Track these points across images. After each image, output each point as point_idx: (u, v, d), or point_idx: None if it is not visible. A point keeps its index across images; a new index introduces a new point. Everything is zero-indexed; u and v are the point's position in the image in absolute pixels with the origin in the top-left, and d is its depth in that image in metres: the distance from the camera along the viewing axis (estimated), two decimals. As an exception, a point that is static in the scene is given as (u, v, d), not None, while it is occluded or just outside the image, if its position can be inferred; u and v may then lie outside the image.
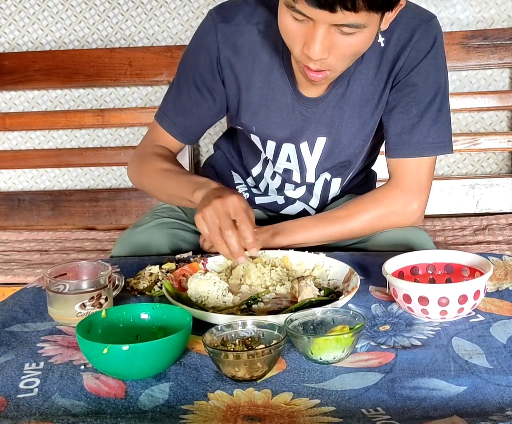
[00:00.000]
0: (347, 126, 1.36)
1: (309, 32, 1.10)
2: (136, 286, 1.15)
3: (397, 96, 1.31)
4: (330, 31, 1.09)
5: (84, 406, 0.79)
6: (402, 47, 1.28)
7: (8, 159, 2.56)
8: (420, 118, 1.30)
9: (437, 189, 2.38)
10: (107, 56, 2.45)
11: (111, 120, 2.49)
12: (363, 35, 1.11)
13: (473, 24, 2.37)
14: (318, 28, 1.08)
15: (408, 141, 1.31)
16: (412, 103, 1.30)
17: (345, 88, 1.32)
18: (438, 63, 1.30)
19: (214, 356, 0.84)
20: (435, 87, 1.30)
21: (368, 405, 0.77)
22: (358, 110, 1.34)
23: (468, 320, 0.99)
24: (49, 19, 2.51)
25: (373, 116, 1.35)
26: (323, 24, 1.07)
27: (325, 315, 0.94)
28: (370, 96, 1.33)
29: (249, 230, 1.08)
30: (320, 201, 1.50)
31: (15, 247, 2.32)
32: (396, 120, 1.32)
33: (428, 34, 1.28)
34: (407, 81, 1.30)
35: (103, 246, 2.25)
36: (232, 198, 1.10)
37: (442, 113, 1.32)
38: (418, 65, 1.29)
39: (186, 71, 1.40)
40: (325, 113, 1.34)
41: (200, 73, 1.37)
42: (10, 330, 1.01)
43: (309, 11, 1.05)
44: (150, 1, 2.46)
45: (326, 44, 1.10)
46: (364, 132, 1.37)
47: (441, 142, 1.32)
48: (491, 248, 1.90)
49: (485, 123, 2.44)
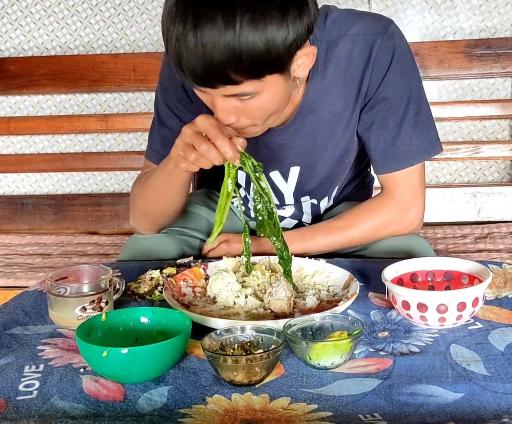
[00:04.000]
0: (320, 151, 1.35)
1: (212, 101, 1.10)
2: (137, 290, 1.16)
3: (371, 113, 1.30)
4: (228, 100, 1.08)
5: (82, 409, 0.79)
6: (364, 65, 1.26)
7: (12, 163, 2.58)
8: (399, 129, 1.29)
9: (439, 197, 2.38)
10: (112, 61, 2.47)
11: (115, 125, 2.50)
12: (264, 97, 1.08)
13: (476, 33, 2.38)
14: (215, 99, 1.08)
15: (393, 155, 1.30)
16: (388, 116, 1.29)
17: (312, 116, 1.30)
18: (403, 69, 1.28)
19: (212, 360, 0.85)
20: (407, 93, 1.29)
21: (365, 411, 0.77)
22: (330, 133, 1.33)
23: (466, 327, 0.99)
24: (54, 25, 2.53)
25: (345, 135, 1.33)
26: (216, 96, 1.07)
27: (324, 320, 0.94)
28: (339, 117, 1.31)
29: (225, 143, 1.06)
30: (312, 217, 1.49)
31: (18, 251, 2.33)
32: (376, 137, 1.31)
33: (386, 46, 1.26)
34: (377, 96, 1.28)
35: (105, 251, 2.25)
36: (199, 118, 1.09)
37: (420, 115, 1.30)
38: (384, 78, 1.27)
39: (163, 103, 1.38)
40: (295, 143, 1.32)
41: (175, 103, 1.36)
42: (11, 332, 1.01)
43: (198, 88, 1.06)
44: (155, 8, 2.48)
45: (228, 110, 1.09)
46: (338, 153, 1.36)
47: (427, 145, 1.31)
48: (492, 256, 1.91)
49: (487, 132, 2.45)
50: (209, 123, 1.08)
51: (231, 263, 1.21)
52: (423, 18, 2.40)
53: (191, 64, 1.00)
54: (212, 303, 1.08)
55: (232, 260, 1.22)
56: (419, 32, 2.41)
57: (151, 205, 1.39)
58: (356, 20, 1.27)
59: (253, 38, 0.97)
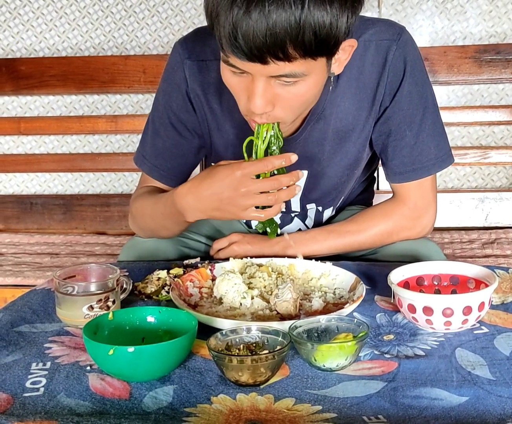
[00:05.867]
0: (329, 159, 1.34)
1: (249, 86, 1.06)
2: (144, 290, 1.16)
3: (388, 123, 1.29)
4: (270, 83, 1.05)
5: (88, 406, 0.80)
6: (379, 73, 1.25)
7: (22, 163, 2.59)
8: (416, 138, 1.28)
9: (447, 202, 2.38)
10: (122, 63, 2.48)
11: (124, 126, 2.51)
12: (307, 84, 1.06)
13: (485, 39, 2.38)
14: (256, 81, 1.04)
15: (411, 165, 1.29)
16: (404, 126, 1.28)
17: (322, 123, 1.29)
18: (417, 78, 1.27)
19: (218, 360, 0.85)
20: (422, 102, 1.28)
21: (370, 413, 0.78)
22: (339, 142, 1.32)
23: (472, 331, 0.99)
24: (66, 26, 2.54)
25: (356, 145, 1.32)
26: (260, 77, 1.03)
27: (330, 322, 0.94)
28: (351, 127, 1.30)
29: (276, 182, 1.09)
30: (314, 223, 1.48)
31: (26, 250, 2.34)
32: (393, 147, 1.30)
33: (400, 53, 1.25)
34: (393, 106, 1.27)
35: (113, 251, 2.27)
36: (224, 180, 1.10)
37: (437, 124, 1.30)
38: (400, 87, 1.26)
39: (160, 111, 1.36)
40: (304, 149, 1.31)
41: (174, 111, 1.34)
42: (18, 330, 1.02)
43: (242, 65, 1.02)
44: (165, 10, 2.49)
45: (268, 96, 1.06)
46: (348, 161, 1.35)
47: (444, 154, 1.31)
48: (499, 262, 1.91)
49: (496, 137, 2.44)
50: (242, 175, 1.09)
51: (238, 264, 1.22)
52: (433, 23, 2.40)
53: (251, 34, 0.96)
54: (218, 303, 1.09)
55: (239, 261, 1.22)
56: (429, 37, 2.41)
57: (153, 232, 1.38)
58: (368, 26, 1.25)
59: (319, 14, 0.96)
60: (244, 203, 1.11)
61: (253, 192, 1.09)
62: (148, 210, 1.34)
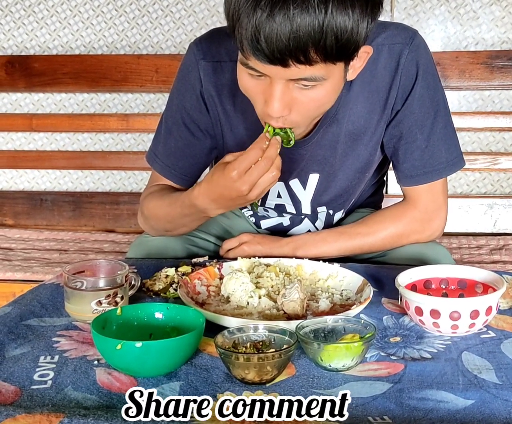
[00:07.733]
0: (341, 162, 1.34)
1: (267, 89, 1.06)
2: (152, 287, 1.17)
3: (399, 127, 1.29)
4: (289, 87, 1.05)
5: (95, 400, 0.80)
6: (391, 77, 1.25)
7: (33, 159, 2.61)
8: (428, 142, 1.28)
9: (455, 207, 2.37)
10: (134, 62, 2.49)
11: (135, 125, 2.52)
12: (325, 88, 1.06)
13: (497, 44, 2.37)
14: (275, 85, 1.04)
15: (422, 168, 1.30)
16: (415, 129, 1.28)
17: (335, 127, 1.29)
18: (429, 81, 1.27)
19: (225, 358, 0.85)
20: (434, 106, 1.28)
21: (375, 414, 0.78)
22: (351, 144, 1.32)
23: (479, 335, 0.99)
24: (79, 24, 2.56)
25: (367, 147, 1.32)
26: (279, 80, 1.03)
27: (337, 323, 0.95)
28: (363, 130, 1.30)
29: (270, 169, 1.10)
30: (324, 225, 1.48)
31: (35, 246, 2.36)
32: (404, 150, 1.30)
33: (413, 57, 1.25)
34: (405, 109, 1.27)
35: (121, 249, 2.28)
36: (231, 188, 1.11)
37: (448, 128, 1.30)
38: (412, 91, 1.26)
39: (174, 111, 1.36)
40: (316, 152, 1.31)
41: (188, 111, 1.34)
42: (27, 323, 1.03)
43: (262, 67, 1.02)
44: (179, 10, 2.50)
45: (285, 100, 1.06)
46: (359, 164, 1.35)
47: (455, 158, 1.31)
48: (507, 268, 1.90)
49: (506, 143, 2.44)
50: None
51: (246, 264, 1.22)
52: (445, 28, 2.40)
53: (274, 37, 0.97)
54: (225, 302, 1.09)
55: (247, 260, 1.23)
56: (441, 42, 2.41)
57: (168, 231, 1.39)
58: (380, 30, 1.25)
59: (341, 19, 0.97)
60: (244, 188, 1.11)
61: (245, 175, 1.09)
62: (162, 212, 1.34)
